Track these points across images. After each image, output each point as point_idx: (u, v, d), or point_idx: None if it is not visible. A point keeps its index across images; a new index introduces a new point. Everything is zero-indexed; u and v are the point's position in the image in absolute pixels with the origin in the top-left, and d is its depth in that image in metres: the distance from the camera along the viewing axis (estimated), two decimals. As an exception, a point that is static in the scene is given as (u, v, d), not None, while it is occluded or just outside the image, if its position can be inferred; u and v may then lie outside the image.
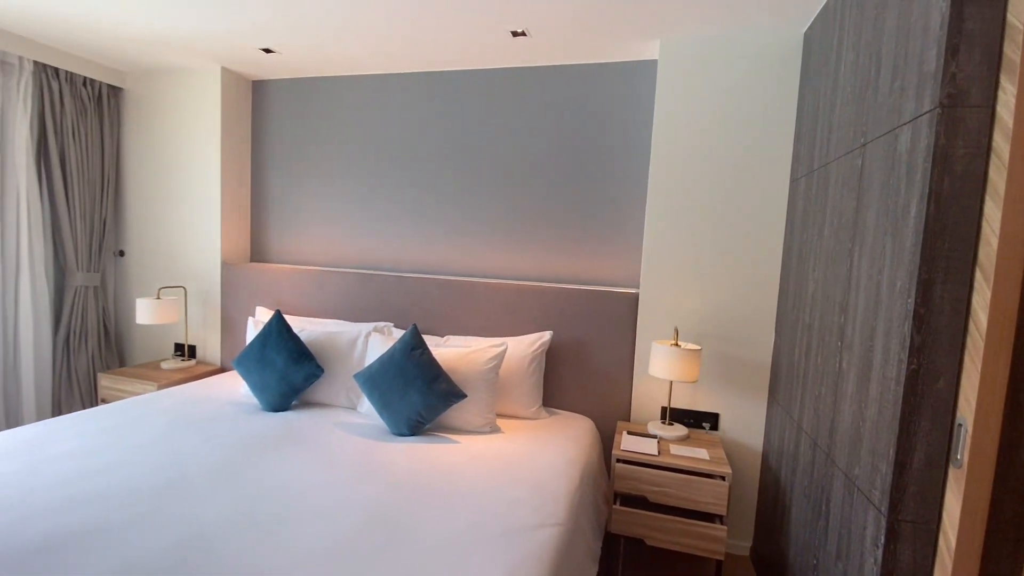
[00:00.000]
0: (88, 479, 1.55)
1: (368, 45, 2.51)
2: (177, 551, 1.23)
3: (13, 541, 1.23)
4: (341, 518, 1.41)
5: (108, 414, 2.10)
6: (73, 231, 2.95)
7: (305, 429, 2.06)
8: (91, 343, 3.06)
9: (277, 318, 2.37)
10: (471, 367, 2.18)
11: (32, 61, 2.71)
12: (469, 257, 2.82)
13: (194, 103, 3.00)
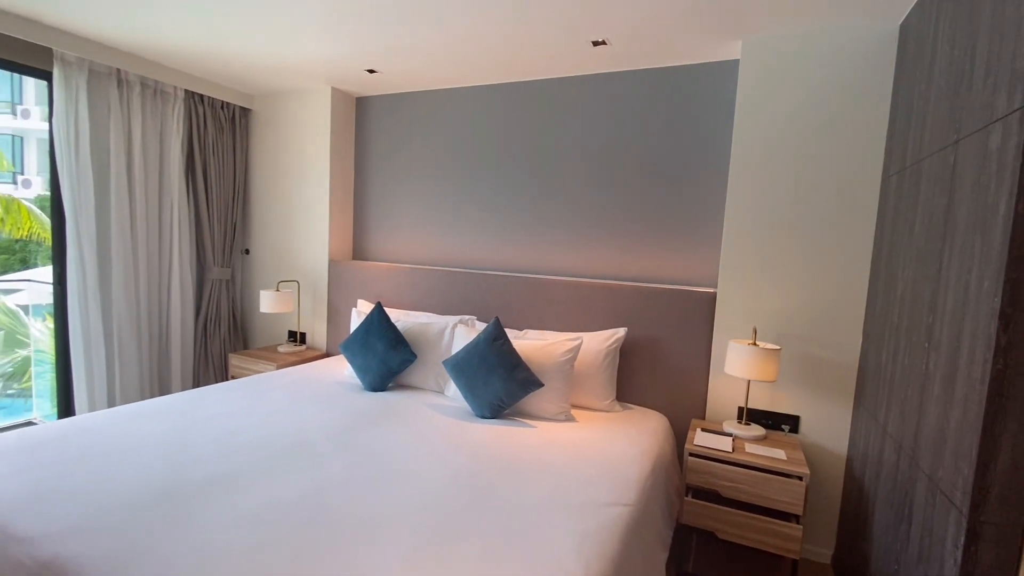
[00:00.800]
0: (232, 437, 1.88)
1: (458, 62, 2.74)
2: (305, 496, 1.48)
3: (180, 479, 1.55)
4: (433, 480, 1.62)
5: (240, 387, 2.49)
6: (211, 232, 3.48)
7: (401, 407, 2.32)
8: (223, 328, 3.59)
9: (378, 310, 2.67)
10: (548, 358, 2.32)
11: (184, 90, 3.24)
12: (548, 256, 2.96)
13: (308, 120, 3.41)
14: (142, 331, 3.16)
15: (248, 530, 1.29)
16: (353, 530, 1.33)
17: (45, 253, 10.93)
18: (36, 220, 6.14)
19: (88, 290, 2.87)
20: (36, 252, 11.99)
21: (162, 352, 3.31)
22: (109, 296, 2.99)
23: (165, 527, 1.29)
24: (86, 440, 1.77)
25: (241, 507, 1.40)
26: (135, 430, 1.88)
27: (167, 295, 3.31)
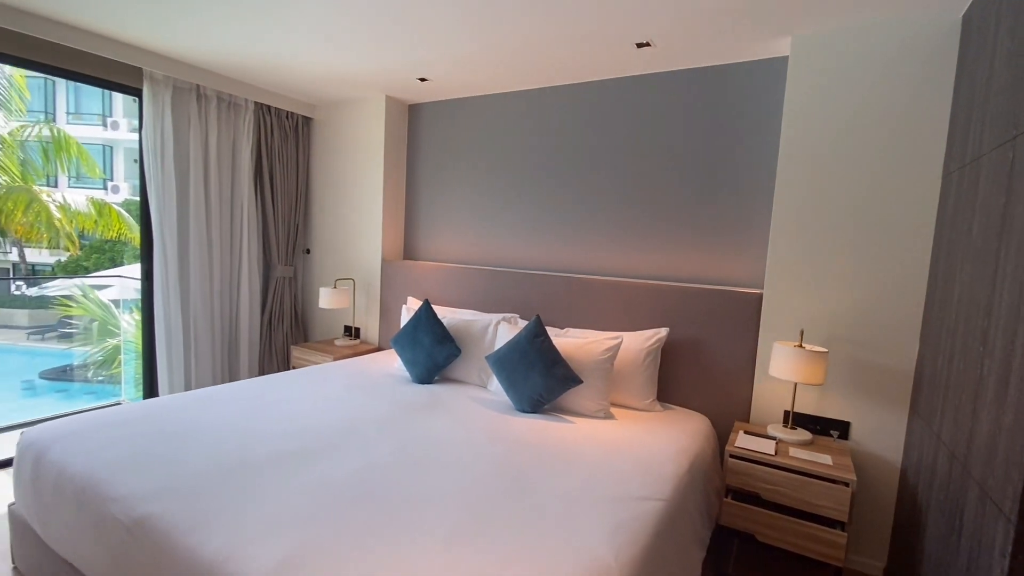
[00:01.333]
0: (292, 420, 2.05)
1: (505, 69, 2.83)
2: (356, 475, 1.61)
3: (247, 455, 1.71)
4: (474, 466, 1.71)
5: (300, 376, 2.68)
6: (276, 233, 3.75)
7: (445, 398, 2.44)
8: (286, 322, 3.85)
9: (426, 306, 2.80)
10: (587, 356, 2.37)
11: (254, 102, 3.51)
12: (591, 256, 3.00)
13: (364, 127, 3.61)
14: (215, 323, 3.45)
15: (305, 501, 1.43)
16: (399, 506, 1.43)
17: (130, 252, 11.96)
18: (124, 222, 6.79)
19: (170, 286, 3.18)
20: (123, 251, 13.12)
21: (232, 343, 3.60)
22: (188, 291, 3.29)
23: (235, 494, 1.45)
24: (168, 418, 1.98)
25: (299, 481, 1.54)
26: (209, 411, 2.09)
27: (237, 291, 3.60)
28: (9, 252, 12.48)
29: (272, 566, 1.16)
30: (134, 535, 1.34)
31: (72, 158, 6.59)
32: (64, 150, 6.49)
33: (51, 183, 10.86)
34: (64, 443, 1.73)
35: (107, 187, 14.23)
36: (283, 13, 2.32)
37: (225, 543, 1.24)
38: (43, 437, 1.78)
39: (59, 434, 1.79)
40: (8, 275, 12.83)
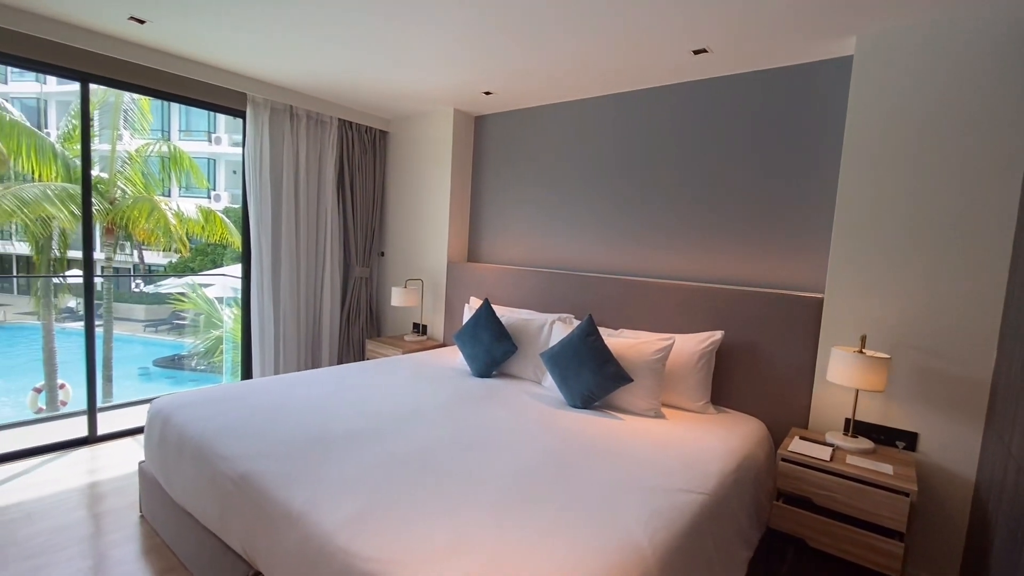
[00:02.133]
0: (365, 403, 2.29)
1: (565, 79, 2.97)
2: (418, 453, 1.80)
3: (327, 429, 1.96)
4: (524, 453, 1.85)
5: (373, 367, 2.96)
6: (355, 237, 4.10)
7: (502, 392, 2.60)
8: (362, 318, 4.21)
9: (486, 305, 2.99)
10: (639, 356, 2.44)
11: (337, 119, 3.88)
12: (645, 259, 3.05)
13: (433, 138, 3.88)
14: (301, 318, 3.85)
15: (374, 470, 1.64)
16: (456, 479, 1.61)
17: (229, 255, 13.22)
18: (225, 227, 7.61)
19: (264, 284, 3.59)
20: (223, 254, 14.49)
21: (315, 335, 3.99)
22: (279, 290, 3.70)
23: (317, 461, 1.69)
24: (263, 396, 2.29)
25: (370, 453, 1.76)
26: (295, 392, 2.38)
27: (320, 289, 3.98)
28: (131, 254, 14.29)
29: (347, 518, 1.37)
30: (239, 487, 1.61)
31: (184, 171, 7.51)
32: (178, 164, 7.42)
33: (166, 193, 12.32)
34: (183, 412, 2.07)
35: (210, 196, 15.86)
36: (366, 41, 2.61)
37: (309, 498, 1.47)
38: (168, 406, 2.14)
39: (179, 404, 2.15)
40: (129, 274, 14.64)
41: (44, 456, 2.89)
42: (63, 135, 6.71)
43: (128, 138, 7.76)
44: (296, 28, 2.51)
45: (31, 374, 8.00)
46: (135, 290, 13.98)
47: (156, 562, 2.04)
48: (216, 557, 1.74)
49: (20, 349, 11.49)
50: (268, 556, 1.49)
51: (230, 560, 1.66)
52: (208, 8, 2.35)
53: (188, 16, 2.45)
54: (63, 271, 7.52)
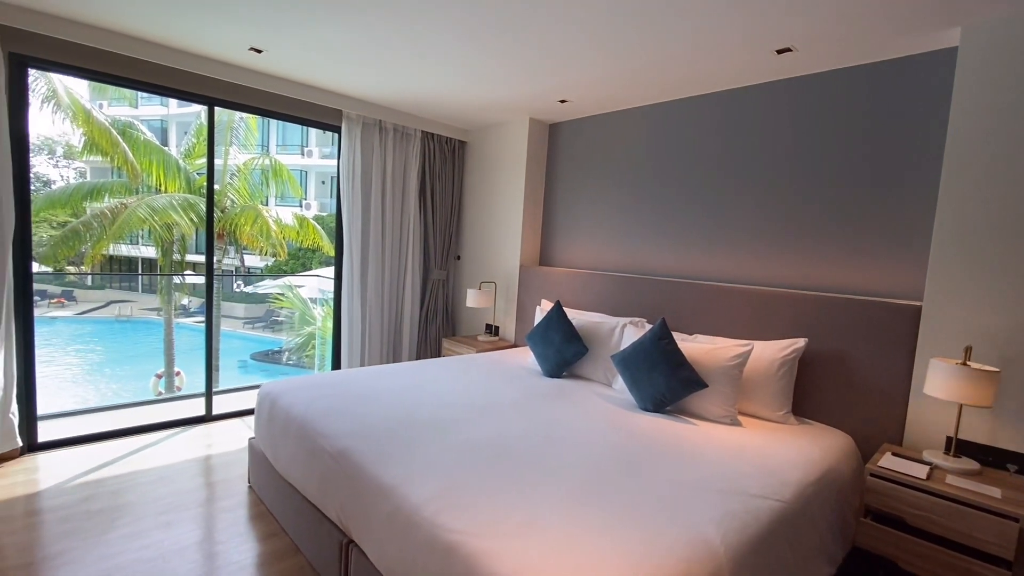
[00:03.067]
0: (443, 395, 2.44)
1: (642, 84, 3.00)
2: (494, 440, 1.91)
3: (411, 416, 2.12)
4: (594, 449, 1.90)
5: (450, 363, 3.13)
6: (434, 242, 4.34)
7: (571, 391, 2.66)
8: (439, 318, 4.43)
9: (557, 307, 3.07)
10: (714, 362, 2.40)
11: (420, 131, 4.15)
12: (723, 263, 2.99)
13: (509, 147, 4.03)
14: (384, 316, 4.13)
15: (454, 454, 1.77)
16: (529, 467, 1.70)
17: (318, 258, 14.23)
18: (317, 233, 8.27)
19: (353, 285, 3.90)
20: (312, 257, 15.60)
21: (396, 332, 4.27)
22: (365, 290, 4.00)
23: (405, 442, 1.84)
24: (353, 384, 2.52)
25: (450, 439, 1.89)
26: (381, 382, 2.59)
27: (402, 290, 4.25)
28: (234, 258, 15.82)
29: (432, 494, 1.50)
30: (337, 462, 1.80)
31: (283, 182, 8.26)
32: (277, 176, 8.17)
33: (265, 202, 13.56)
34: (288, 395, 2.33)
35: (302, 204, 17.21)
36: (450, 59, 2.80)
37: (398, 474, 1.62)
38: (275, 389, 2.42)
39: (284, 389, 2.41)
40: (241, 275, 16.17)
41: (169, 430, 3.33)
42: (184, 152, 7.63)
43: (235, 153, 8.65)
44: (388, 49, 2.74)
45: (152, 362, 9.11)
46: (236, 290, 15.41)
47: (261, 527, 2.30)
48: (314, 525, 1.94)
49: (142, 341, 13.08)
50: (361, 525, 1.65)
51: (327, 528, 1.86)
52: (313, 36, 2.63)
53: (297, 44, 2.76)
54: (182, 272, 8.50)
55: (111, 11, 2.50)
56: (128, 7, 2.44)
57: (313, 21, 2.45)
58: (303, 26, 2.51)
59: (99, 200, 7.02)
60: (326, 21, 2.44)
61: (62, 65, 2.74)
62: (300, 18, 2.43)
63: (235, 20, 2.50)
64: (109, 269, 14.75)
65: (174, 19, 2.54)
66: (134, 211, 6.68)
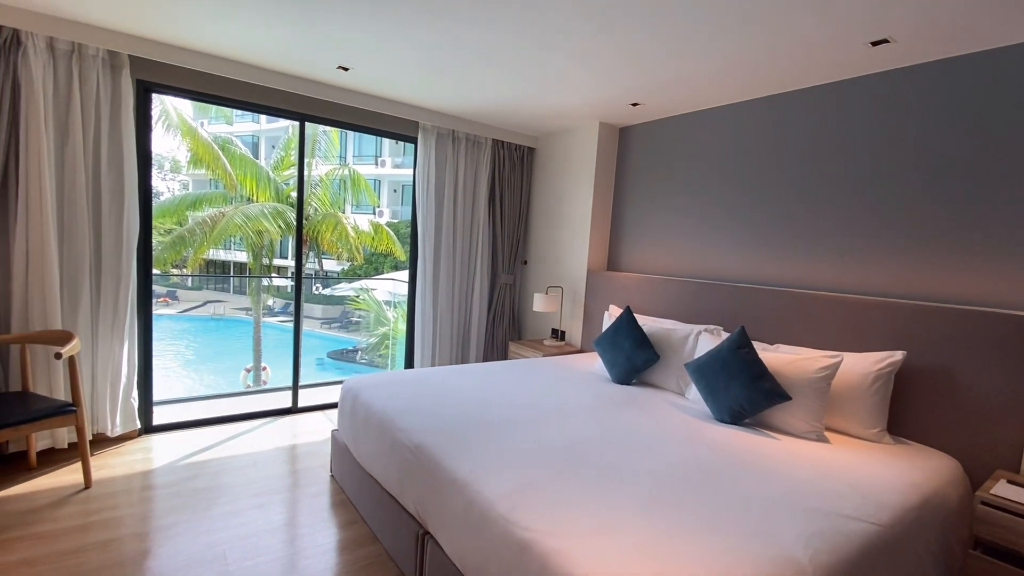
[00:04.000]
0: (516, 396, 2.48)
1: (719, 84, 2.91)
2: (565, 444, 1.92)
3: (483, 415, 2.17)
4: (669, 458, 1.86)
5: (517, 366, 3.17)
6: (502, 247, 4.43)
7: (642, 399, 2.61)
8: (505, 321, 4.50)
9: (627, 313, 3.03)
10: (799, 373, 2.27)
11: (491, 139, 4.25)
12: (809, 269, 2.83)
13: (577, 152, 4.04)
14: (454, 319, 4.26)
15: (527, 454, 1.79)
16: (602, 472, 1.69)
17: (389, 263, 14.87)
18: (391, 239, 8.67)
19: (426, 288, 4.06)
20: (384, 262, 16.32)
21: (464, 334, 4.38)
22: (437, 293, 4.15)
23: (479, 440, 1.90)
24: (428, 382, 2.62)
25: (523, 440, 1.92)
26: (453, 381, 2.67)
27: (471, 294, 4.37)
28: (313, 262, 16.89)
29: (506, 491, 1.54)
30: (415, 455, 1.89)
31: (360, 191, 8.74)
32: (355, 185, 8.65)
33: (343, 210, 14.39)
34: (369, 391, 2.47)
35: (375, 212, 18.09)
36: (523, 68, 2.85)
37: (473, 470, 1.67)
38: (357, 385, 2.57)
39: (365, 385, 2.55)
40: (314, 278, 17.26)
41: (260, 420, 3.61)
42: (273, 164, 8.28)
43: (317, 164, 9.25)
44: (465, 61, 2.84)
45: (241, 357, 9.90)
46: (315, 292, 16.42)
47: (341, 515, 2.44)
48: (392, 515, 2.04)
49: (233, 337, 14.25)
50: (437, 517, 1.72)
51: (404, 519, 1.94)
52: (395, 52, 2.78)
53: (380, 61, 2.93)
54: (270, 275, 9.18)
55: (218, 39, 2.78)
56: (233, 34, 2.70)
57: (396, 37, 2.59)
58: (387, 42, 2.67)
59: (200, 209, 7.77)
60: (408, 37, 2.57)
61: (176, 88, 3.08)
62: (384, 35, 2.58)
63: (327, 41, 2.69)
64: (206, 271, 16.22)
65: (273, 43, 2.79)
66: (231, 219, 7.33)
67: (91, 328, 2.88)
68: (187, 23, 2.60)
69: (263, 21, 2.51)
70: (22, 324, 2.66)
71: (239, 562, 2.02)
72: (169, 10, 2.46)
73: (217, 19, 2.52)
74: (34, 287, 2.66)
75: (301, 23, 2.50)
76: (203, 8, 2.41)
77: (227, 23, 2.56)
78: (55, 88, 2.66)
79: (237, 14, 2.45)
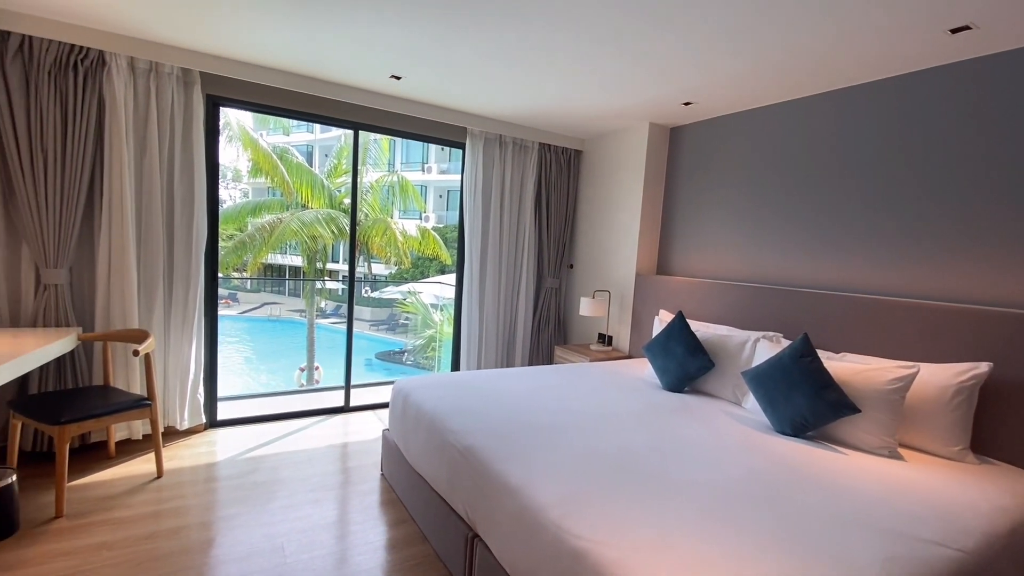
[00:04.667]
0: (563, 401, 2.45)
1: (778, 80, 2.78)
2: (616, 452, 1.87)
3: (534, 420, 2.15)
4: (726, 470, 1.78)
5: (565, 370, 3.13)
6: (548, 250, 4.41)
7: (696, 408, 2.52)
8: (551, 325, 4.48)
9: (680, 318, 2.94)
10: (869, 384, 2.13)
11: (537, 143, 4.24)
12: (877, 273, 2.65)
13: (625, 154, 3.97)
14: (499, 322, 4.27)
15: (576, 461, 1.76)
16: (656, 481, 1.64)
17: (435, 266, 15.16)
18: (437, 243, 8.82)
19: (472, 292, 4.09)
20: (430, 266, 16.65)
21: (510, 338, 4.39)
22: (483, 296, 4.18)
23: (527, 444, 1.88)
24: (475, 385, 2.63)
25: (573, 445, 1.90)
26: (500, 385, 2.67)
27: (516, 298, 4.37)
28: (363, 265, 17.44)
29: (558, 497, 1.51)
30: (465, 457, 1.90)
31: (408, 196, 8.95)
32: (403, 191, 8.87)
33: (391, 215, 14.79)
34: (418, 392, 2.50)
35: (421, 217, 18.48)
36: (573, 71, 2.84)
37: (524, 475, 1.66)
38: (407, 385, 2.61)
39: (415, 386, 2.60)
40: (364, 281, 17.80)
41: (314, 418, 3.74)
42: (327, 172, 8.61)
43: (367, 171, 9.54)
44: (515, 66, 2.85)
45: (295, 357, 10.31)
46: (364, 295, 16.93)
47: (391, 513, 2.48)
48: (442, 517, 2.06)
49: (288, 338, 14.89)
50: (487, 521, 1.72)
51: (453, 521, 1.95)
52: (445, 59, 2.83)
53: (430, 69, 2.99)
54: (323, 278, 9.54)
55: (280, 53, 2.92)
56: (294, 48, 2.83)
57: (449, 44, 2.63)
58: (438, 50, 2.71)
59: (260, 216, 8.18)
60: (462, 43, 2.61)
61: (241, 102, 3.25)
62: (436, 42, 2.62)
63: (382, 50, 2.77)
64: (264, 275, 17.05)
65: (331, 55, 2.89)
66: (288, 225, 7.68)
67: (164, 327, 3.08)
68: (253, 39, 2.75)
69: (323, 36, 2.61)
70: (104, 323, 2.87)
71: (296, 555, 2.09)
72: (238, 27, 2.60)
73: (280, 35, 2.65)
74: (115, 289, 2.87)
75: (358, 36, 2.59)
76: (269, 26, 2.54)
77: (289, 38, 2.68)
78: (135, 104, 2.87)
79: (301, 25, 2.56)
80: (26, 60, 2.58)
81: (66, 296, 2.75)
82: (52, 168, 2.66)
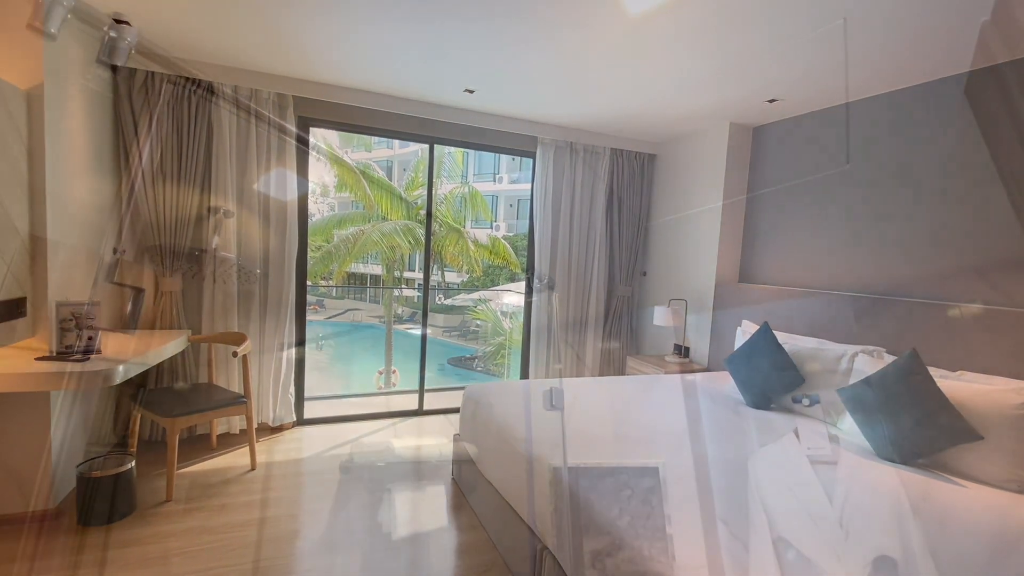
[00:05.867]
0: (642, 413, 2.38)
1: (875, 69, 2.54)
2: (702, 473, 1.77)
3: (606, 435, 2.10)
4: (818, 500, 1.62)
5: (641, 382, 3.02)
6: (620, 257, 4.30)
7: (785, 429, 2.33)
8: (622, 335, 4.36)
9: (765, 329, 2.74)
10: (992, 407, 1.86)
11: (609, 148, 4.17)
12: (999, 280, 2.32)
13: (703, 156, 3.79)
14: (568, 331, 4.22)
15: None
16: (746, 506, 1.53)
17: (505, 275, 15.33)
18: (507, 252, 8.93)
19: (541, 300, 4.08)
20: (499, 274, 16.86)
21: (579, 347, 4.32)
22: (552, 305, 4.15)
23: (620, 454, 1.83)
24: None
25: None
26: (572, 394, 2.62)
27: (587, 305, 4.30)
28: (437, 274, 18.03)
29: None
30: (532, 466, 1.88)
31: (479, 207, 9.15)
32: (474, 201, 9.08)
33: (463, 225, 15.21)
34: (489, 398, 2.53)
35: (492, 226, 18.79)
36: (650, 72, 2.76)
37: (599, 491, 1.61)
38: (478, 392, 2.65)
39: (485, 392, 2.62)
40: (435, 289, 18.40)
41: (390, 420, 3.89)
42: (405, 185, 9.01)
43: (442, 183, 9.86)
44: (587, 72, 2.83)
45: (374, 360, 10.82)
46: (437, 302, 17.46)
47: (460, 518, 2.51)
48: (510, 525, 2.05)
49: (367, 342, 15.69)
50: (557, 536, 1.68)
51: (523, 531, 1.94)
52: (517, 70, 2.86)
53: (503, 82, 3.04)
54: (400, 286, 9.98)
55: (361, 75, 3.11)
56: (376, 69, 2.99)
57: (521, 55, 2.66)
58: (511, 62, 2.75)
59: (344, 228, 8.70)
60: (534, 52, 2.62)
61: (328, 121, 3.49)
62: (509, 56, 2.66)
63: (457, 66, 2.86)
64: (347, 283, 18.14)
65: (409, 73, 3.03)
66: (369, 236, 8.11)
67: (259, 331, 3.35)
68: (342, 65, 2.94)
69: (402, 56, 2.74)
70: (209, 326, 3.18)
71: (372, 553, 2.17)
72: (329, 55, 2.80)
73: (365, 58, 2.81)
74: (219, 295, 3.17)
75: (434, 55, 2.69)
76: (356, 51, 2.71)
77: (372, 59, 2.84)
78: (237, 128, 3.17)
79: (379, 43, 2.70)
80: (149, 93, 2.93)
81: (179, 302, 3.08)
82: (170, 190, 2.99)
